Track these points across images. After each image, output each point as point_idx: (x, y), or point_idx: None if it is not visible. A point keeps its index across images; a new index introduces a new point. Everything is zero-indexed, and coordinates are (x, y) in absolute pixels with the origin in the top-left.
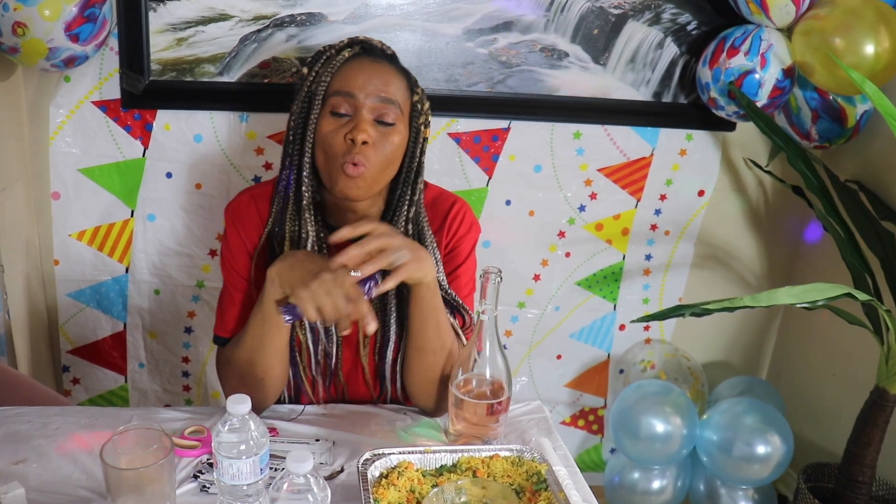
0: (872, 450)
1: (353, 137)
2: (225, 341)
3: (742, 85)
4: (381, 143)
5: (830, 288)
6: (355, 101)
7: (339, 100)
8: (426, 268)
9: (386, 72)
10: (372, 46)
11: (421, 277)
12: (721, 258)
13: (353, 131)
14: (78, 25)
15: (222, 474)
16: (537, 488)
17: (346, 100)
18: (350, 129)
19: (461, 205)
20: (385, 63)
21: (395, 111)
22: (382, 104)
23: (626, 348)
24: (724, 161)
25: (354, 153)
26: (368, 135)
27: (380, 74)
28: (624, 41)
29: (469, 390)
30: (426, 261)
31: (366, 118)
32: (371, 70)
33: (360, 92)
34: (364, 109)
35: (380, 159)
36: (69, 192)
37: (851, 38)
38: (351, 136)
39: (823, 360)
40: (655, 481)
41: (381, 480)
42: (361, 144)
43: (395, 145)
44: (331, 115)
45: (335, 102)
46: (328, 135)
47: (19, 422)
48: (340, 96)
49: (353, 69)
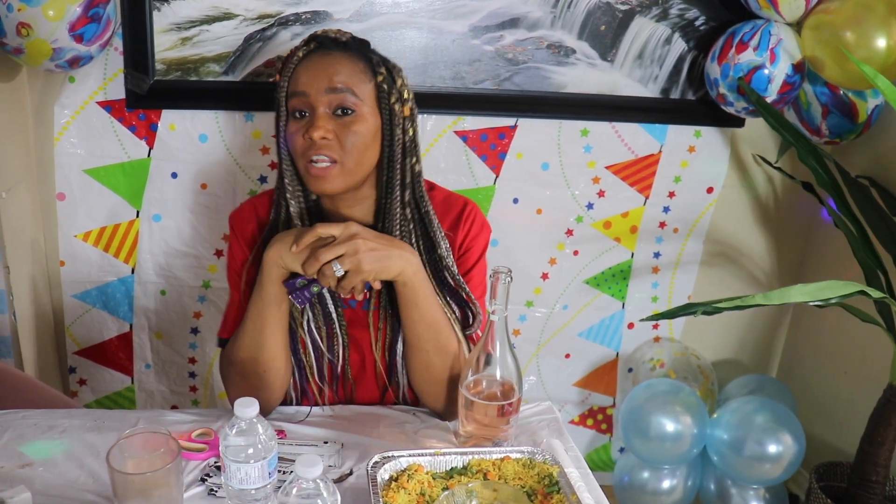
0: (886, 449)
1: (310, 136)
2: (225, 341)
3: (751, 80)
4: (344, 133)
5: (844, 286)
6: (307, 99)
7: (296, 101)
8: (394, 266)
9: (336, 61)
10: (325, 39)
11: (397, 274)
12: (730, 255)
13: (308, 130)
14: (82, 26)
15: (230, 478)
16: (549, 491)
17: (300, 100)
18: (307, 128)
19: (472, 206)
20: (336, 52)
21: (350, 98)
22: (335, 94)
23: (634, 347)
24: (733, 157)
25: (315, 150)
26: (326, 129)
27: (328, 65)
28: (631, 37)
29: (479, 391)
30: (395, 259)
31: (321, 113)
32: (319, 63)
33: (309, 88)
34: (319, 105)
35: (348, 150)
36: (74, 193)
37: (862, 31)
38: (308, 134)
39: (835, 358)
40: (665, 481)
41: (391, 483)
42: (321, 140)
43: (362, 133)
44: (293, 119)
45: (293, 104)
46: (291, 137)
47: (25, 424)
48: (296, 97)
49: (304, 67)
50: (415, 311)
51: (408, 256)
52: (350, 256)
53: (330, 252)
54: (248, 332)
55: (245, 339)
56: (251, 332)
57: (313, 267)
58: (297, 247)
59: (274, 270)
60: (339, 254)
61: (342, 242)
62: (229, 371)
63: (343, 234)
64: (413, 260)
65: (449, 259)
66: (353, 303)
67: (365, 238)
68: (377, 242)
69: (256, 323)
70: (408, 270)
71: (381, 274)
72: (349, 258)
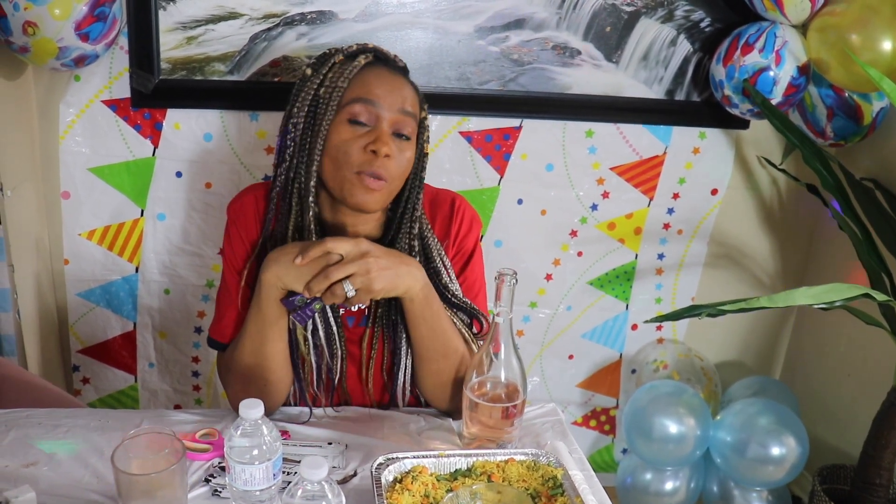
0: (889, 452)
1: (375, 149)
2: (222, 346)
3: (756, 82)
4: (399, 156)
5: (848, 288)
6: (377, 111)
7: (360, 108)
8: (403, 284)
9: (404, 85)
10: (386, 55)
11: (404, 292)
12: (734, 257)
13: (375, 142)
14: (88, 24)
15: (235, 479)
16: (553, 493)
17: (366, 108)
18: (372, 139)
19: (460, 202)
20: (401, 75)
21: (412, 125)
22: (403, 116)
23: (638, 348)
24: (737, 159)
25: (377, 166)
26: (391, 148)
27: (400, 86)
28: (636, 38)
29: (483, 393)
30: (404, 276)
31: (387, 130)
32: (392, 81)
33: (382, 102)
34: (385, 122)
35: (396, 173)
36: (79, 192)
37: (868, 34)
38: (373, 147)
39: (838, 360)
40: (668, 482)
41: (396, 485)
42: (384, 157)
43: (409, 160)
44: (348, 123)
45: (355, 110)
46: (344, 143)
47: (29, 424)
48: (361, 104)
49: (373, 77)
50: (423, 325)
51: (415, 272)
52: (361, 276)
53: (341, 271)
54: (248, 345)
55: (245, 351)
56: (251, 346)
57: (322, 285)
58: (302, 259)
59: (273, 292)
60: (350, 273)
61: (353, 261)
62: (230, 378)
63: (353, 252)
64: (420, 276)
65: (455, 286)
66: (351, 320)
67: (376, 257)
68: (388, 260)
69: (256, 338)
70: (415, 287)
71: (391, 292)
72: (360, 277)
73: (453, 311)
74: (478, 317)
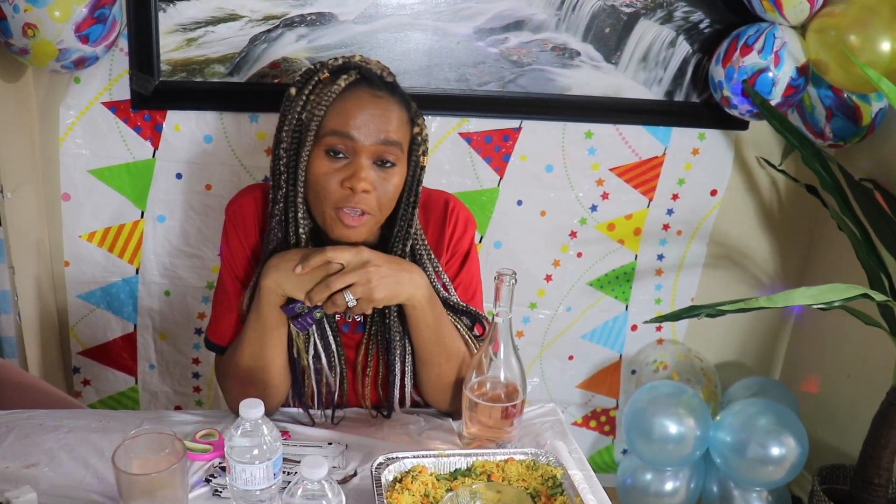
0: (889, 451)
1: (351, 186)
2: (220, 349)
3: (755, 83)
4: (381, 186)
5: (847, 289)
6: (354, 144)
7: (336, 140)
8: (405, 291)
9: (388, 108)
10: (371, 73)
11: (406, 299)
12: (734, 258)
13: (352, 179)
14: (88, 26)
15: (235, 479)
16: (553, 493)
17: (343, 141)
18: (349, 175)
19: (454, 203)
20: (386, 95)
21: (396, 152)
22: (384, 147)
23: (638, 349)
24: (736, 160)
25: (354, 202)
26: (369, 182)
27: (382, 112)
28: (636, 40)
29: (483, 393)
30: (405, 284)
31: (365, 164)
32: (372, 107)
33: (359, 133)
34: (363, 154)
35: (381, 203)
36: (79, 194)
37: (867, 35)
38: (349, 183)
39: (838, 361)
40: (668, 483)
41: (395, 485)
42: (362, 193)
43: (395, 186)
44: (325, 155)
45: (331, 142)
46: (322, 177)
47: (30, 425)
48: (337, 136)
49: (351, 104)
50: (426, 331)
51: (417, 279)
52: (362, 286)
53: (341, 280)
54: (247, 350)
55: (245, 355)
56: (250, 351)
57: (322, 294)
58: (302, 268)
59: (272, 298)
60: (351, 282)
61: (354, 270)
62: (228, 382)
63: (354, 262)
64: (422, 282)
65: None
66: (346, 327)
67: (377, 265)
68: (389, 268)
69: (255, 344)
70: (417, 294)
71: (393, 300)
72: (361, 287)
73: (457, 316)
74: (480, 321)
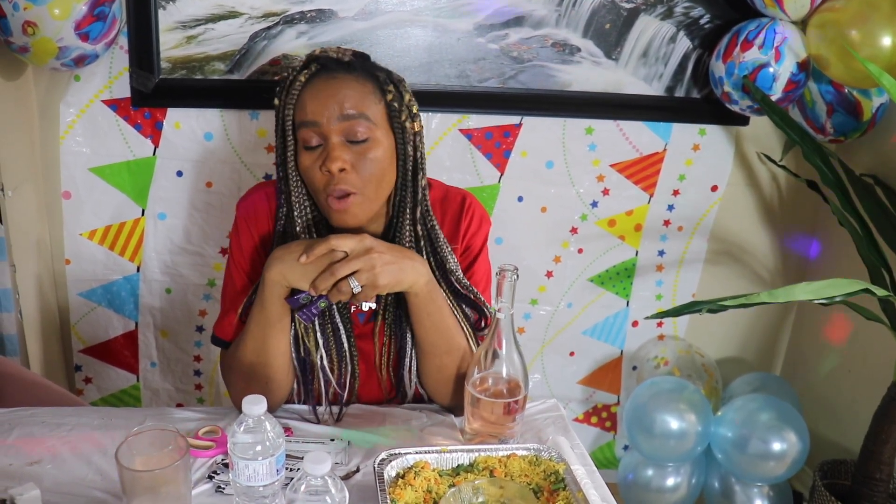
0: (890, 447)
1: (328, 168)
2: (225, 344)
3: (756, 79)
4: (361, 162)
5: (848, 284)
6: (319, 129)
7: (306, 132)
8: (407, 278)
9: (343, 85)
10: (327, 60)
11: (409, 286)
12: (734, 254)
13: (325, 161)
14: (88, 24)
15: (238, 475)
16: (555, 488)
17: (311, 130)
18: (322, 159)
19: (471, 200)
20: (342, 74)
21: (364, 124)
22: (348, 122)
23: (639, 345)
24: (737, 156)
25: (334, 184)
26: (343, 160)
27: (336, 91)
28: (636, 35)
29: (485, 389)
30: (408, 271)
31: (336, 143)
32: (327, 89)
33: (319, 117)
34: (332, 135)
35: (367, 179)
36: (80, 192)
37: (868, 30)
38: (325, 167)
39: (839, 356)
40: (670, 478)
41: (398, 480)
42: (339, 172)
43: (376, 159)
44: (304, 150)
45: (304, 136)
46: (306, 171)
47: (33, 422)
48: (306, 128)
49: (310, 94)
50: (427, 320)
51: (419, 267)
52: (366, 272)
53: (346, 267)
54: (250, 343)
55: (248, 349)
56: (254, 345)
57: (327, 282)
58: (306, 257)
59: (276, 290)
60: (355, 269)
61: (357, 257)
62: (232, 376)
63: (358, 249)
64: (424, 270)
65: (458, 272)
66: (361, 316)
67: (380, 252)
68: (392, 255)
69: (258, 337)
70: (420, 281)
71: (396, 287)
72: (365, 273)
73: (458, 303)
74: (482, 309)
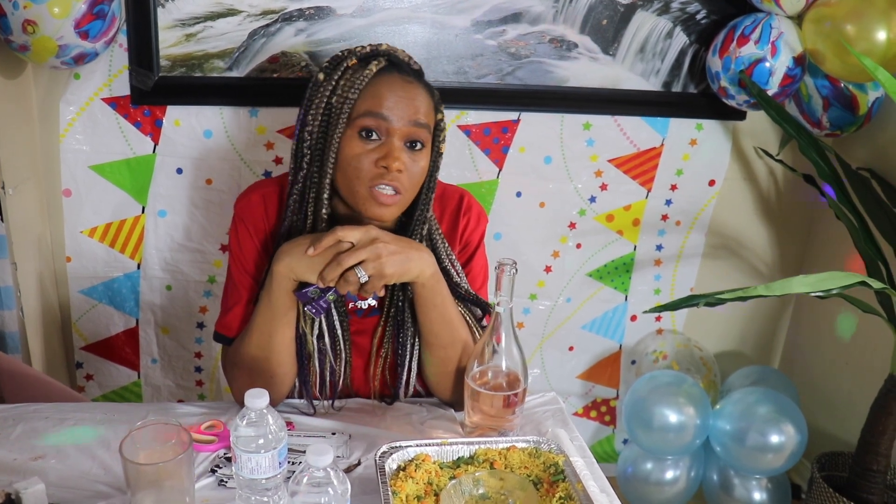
0: (887, 438)
1: (386, 165)
2: (228, 340)
3: (752, 73)
4: (412, 167)
5: (845, 276)
6: (388, 125)
7: (370, 121)
8: (414, 268)
9: (418, 92)
10: (399, 60)
11: (416, 276)
12: (732, 248)
13: (386, 158)
14: (87, 22)
15: (241, 468)
16: (555, 479)
17: (377, 121)
18: (383, 154)
19: (468, 198)
20: (415, 81)
21: (425, 135)
22: (416, 128)
23: (637, 339)
24: (734, 150)
25: (388, 180)
26: (402, 161)
27: (413, 96)
28: (633, 31)
29: (485, 382)
30: (415, 261)
31: (398, 145)
32: (404, 91)
33: (392, 114)
34: (397, 135)
35: (411, 184)
36: (80, 190)
37: (863, 24)
38: (384, 163)
39: (836, 349)
40: (669, 471)
41: (399, 473)
42: (396, 172)
43: (423, 168)
44: (358, 137)
45: (365, 123)
46: (356, 158)
47: (37, 418)
48: (371, 117)
49: (384, 87)
50: (433, 311)
51: (426, 258)
52: (373, 261)
53: (353, 257)
54: (255, 338)
55: (253, 343)
56: (259, 339)
57: (335, 272)
58: (314, 250)
59: (284, 283)
60: (362, 259)
61: (364, 247)
62: (235, 372)
63: (363, 239)
64: (430, 261)
65: (464, 284)
66: (360, 312)
67: (386, 242)
68: (397, 245)
69: (264, 330)
70: (426, 272)
71: (402, 277)
72: (372, 263)
73: (466, 307)
74: (489, 311)
